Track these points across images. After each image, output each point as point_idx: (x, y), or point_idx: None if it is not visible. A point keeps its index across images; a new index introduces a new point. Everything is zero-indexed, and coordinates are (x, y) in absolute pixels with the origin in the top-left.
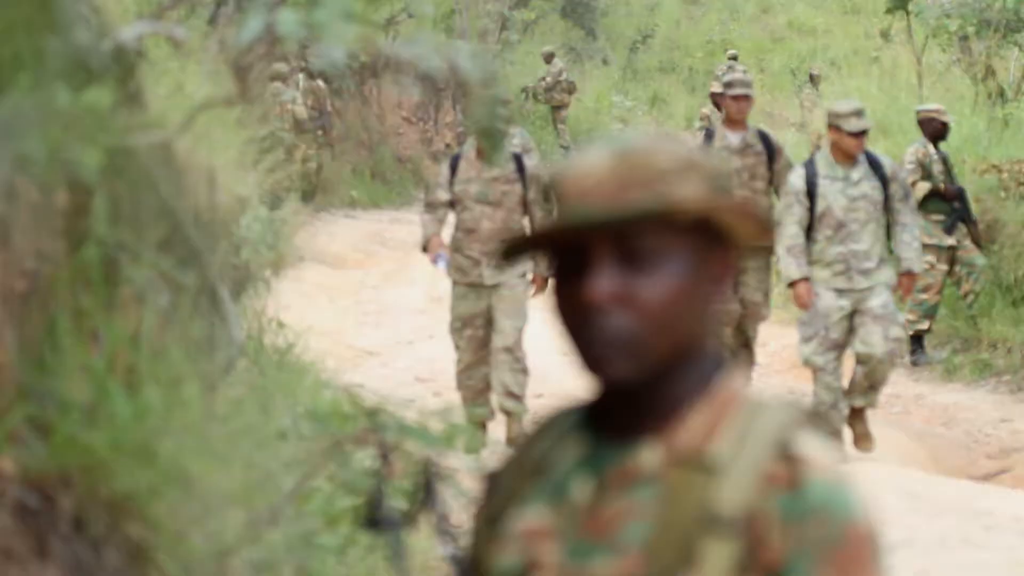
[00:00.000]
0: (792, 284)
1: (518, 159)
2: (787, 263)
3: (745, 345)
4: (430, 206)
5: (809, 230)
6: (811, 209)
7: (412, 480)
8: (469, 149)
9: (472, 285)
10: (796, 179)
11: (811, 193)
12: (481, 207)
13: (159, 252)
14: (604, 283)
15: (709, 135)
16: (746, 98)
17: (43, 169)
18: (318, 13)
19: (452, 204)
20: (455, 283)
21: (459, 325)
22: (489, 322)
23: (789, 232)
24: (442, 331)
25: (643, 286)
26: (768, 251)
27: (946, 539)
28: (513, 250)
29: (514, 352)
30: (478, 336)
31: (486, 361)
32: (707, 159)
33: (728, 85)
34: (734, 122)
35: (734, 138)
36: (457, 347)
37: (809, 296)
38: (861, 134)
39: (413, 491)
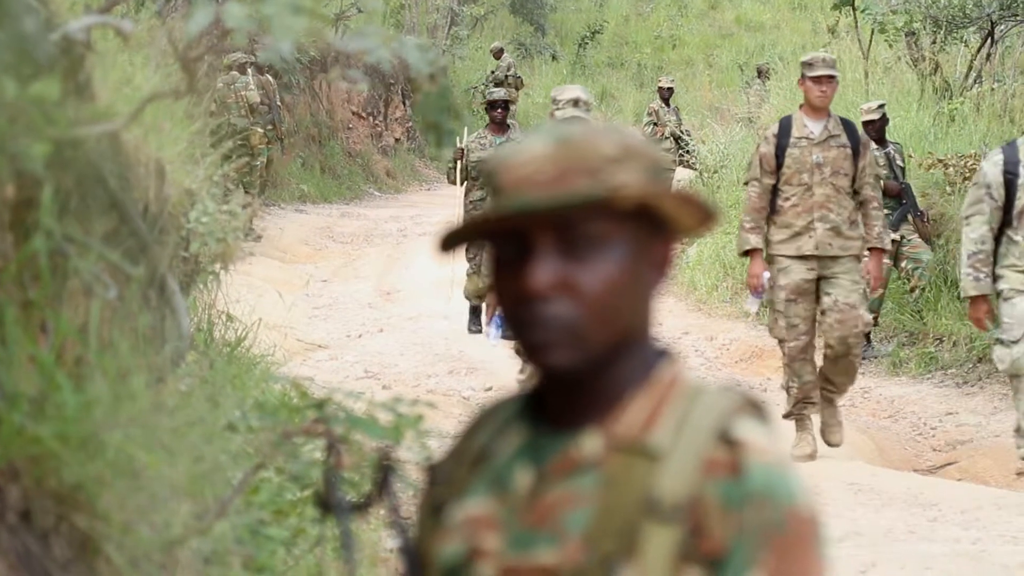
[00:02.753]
0: (969, 300)
1: None
2: (966, 273)
3: (845, 354)
4: None
5: (1002, 228)
6: (1008, 204)
7: (366, 471)
8: None
9: None
10: (991, 168)
11: (1009, 185)
12: None
13: (107, 244)
14: (544, 272)
15: (785, 124)
16: (829, 79)
17: None
18: (266, 7)
19: None
20: None
21: None
22: None
23: (975, 235)
24: (391, 325)
25: (583, 274)
26: (856, 257)
27: (892, 531)
28: (453, 240)
29: None
30: None
31: None
32: (646, 147)
33: (807, 65)
34: (815, 109)
35: (815, 127)
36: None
37: (986, 318)
38: None
39: (370, 481)
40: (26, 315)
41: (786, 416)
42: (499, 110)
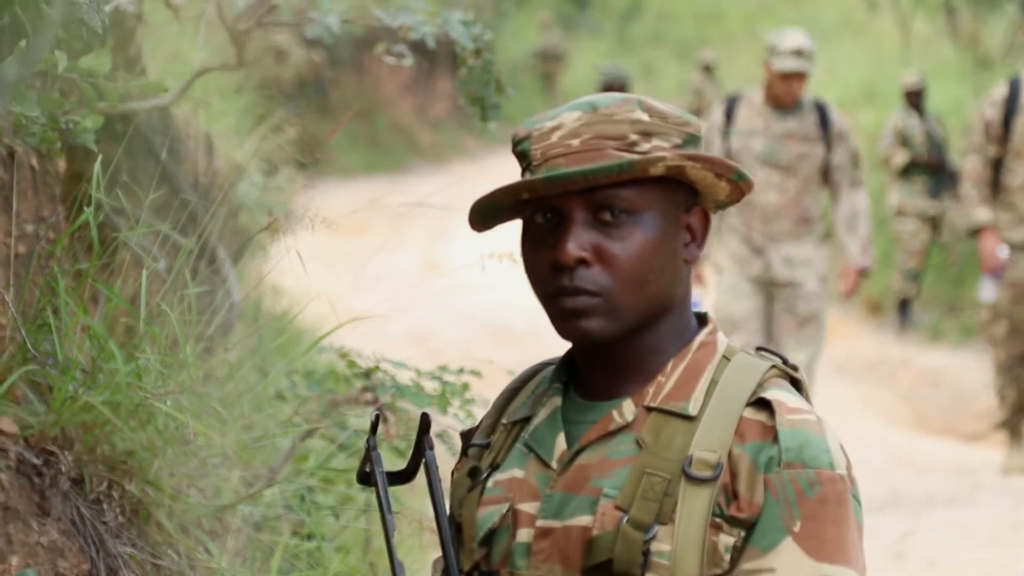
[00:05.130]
0: None
1: (821, 110)
2: None
3: None
4: None
5: None
6: None
7: (407, 438)
8: (753, 91)
9: (753, 280)
10: None
11: None
12: (768, 172)
13: (158, 216)
14: (577, 241)
15: (1015, 86)
16: None
17: (42, 134)
18: None
19: None
20: (723, 273)
21: (726, 330)
22: (768, 328)
23: None
24: (436, 296)
25: (615, 243)
26: None
27: (932, 498)
28: (484, 212)
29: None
30: (752, 347)
31: None
32: (678, 116)
33: None
34: None
35: None
36: None
37: None
38: None
39: (411, 449)
40: (78, 286)
41: (1001, 426)
42: (619, 90)
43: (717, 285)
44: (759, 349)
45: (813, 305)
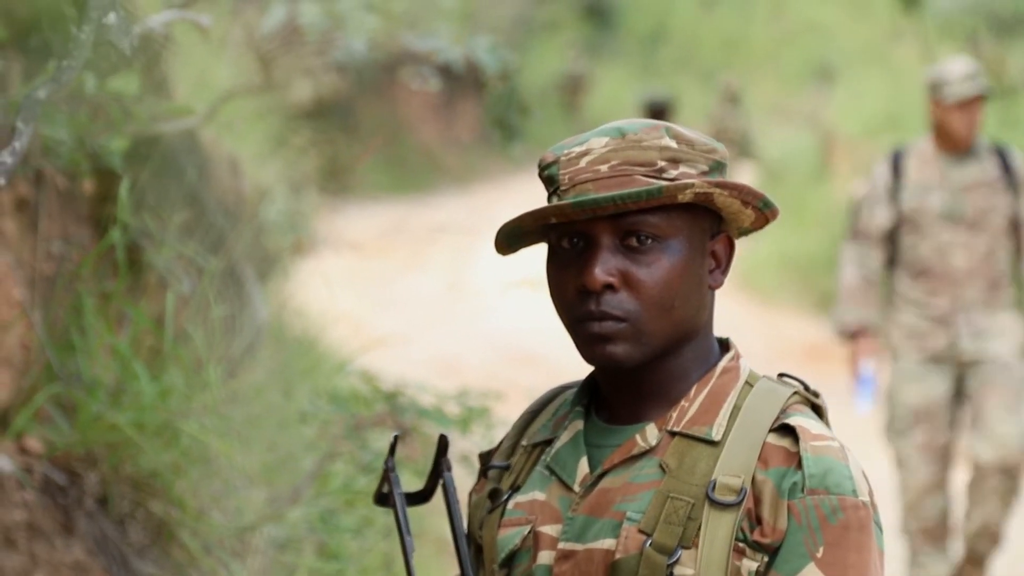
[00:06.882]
0: None
1: (1001, 154)
2: None
3: None
4: (858, 256)
5: None
6: None
7: (429, 459)
8: (920, 141)
9: (935, 359)
10: None
11: None
12: (950, 231)
13: (184, 237)
14: (604, 267)
15: None
16: None
17: (70, 155)
18: (340, 4)
19: (891, 233)
20: (899, 357)
21: (906, 424)
22: (956, 419)
23: None
24: (459, 318)
25: (642, 269)
26: None
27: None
28: (511, 236)
29: (1013, 475)
30: (938, 443)
31: (946, 483)
32: (705, 142)
33: None
34: None
35: None
36: (901, 461)
37: None
38: None
39: (430, 470)
40: (104, 306)
41: None
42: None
43: (892, 369)
44: (781, 375)
45: (1015, 374)
